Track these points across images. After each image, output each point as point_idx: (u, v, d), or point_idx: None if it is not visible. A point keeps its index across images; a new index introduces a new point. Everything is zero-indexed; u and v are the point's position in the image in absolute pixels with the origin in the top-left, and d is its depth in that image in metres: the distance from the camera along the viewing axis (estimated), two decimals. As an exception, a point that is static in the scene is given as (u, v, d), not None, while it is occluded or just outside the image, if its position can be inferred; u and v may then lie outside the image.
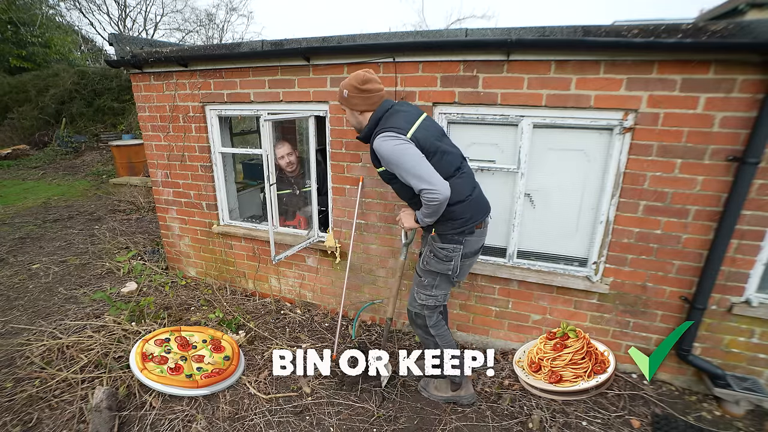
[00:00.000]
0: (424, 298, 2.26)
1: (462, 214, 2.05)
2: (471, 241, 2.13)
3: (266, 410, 2.41)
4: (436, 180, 1.88)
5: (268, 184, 2.76)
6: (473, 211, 2.08)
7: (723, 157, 2.19)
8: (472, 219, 2.07)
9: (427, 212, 1.99)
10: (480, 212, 2.12)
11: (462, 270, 2.20)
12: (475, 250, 2.19)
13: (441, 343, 2.34)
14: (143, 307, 3.29)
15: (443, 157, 2.00)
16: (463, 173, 2.07)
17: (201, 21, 21.36)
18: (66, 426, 2.28)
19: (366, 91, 2.05)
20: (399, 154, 1.91)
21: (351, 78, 2.07)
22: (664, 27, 2.04)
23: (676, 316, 2.52)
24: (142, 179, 8.02)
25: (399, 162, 1.92)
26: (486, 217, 2.17)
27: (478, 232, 2.15)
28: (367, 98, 2.07)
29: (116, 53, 3.39)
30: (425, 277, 2.23)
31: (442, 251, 2.13)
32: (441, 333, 2.35)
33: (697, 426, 2.30)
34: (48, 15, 15.90)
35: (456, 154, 2.09)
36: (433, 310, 2.30)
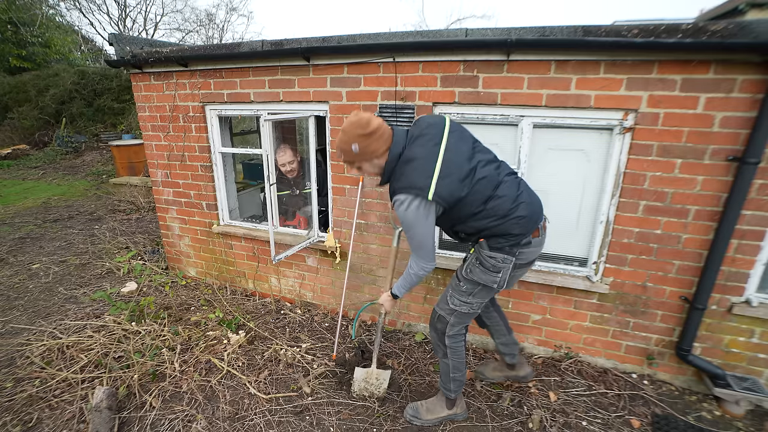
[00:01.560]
0: (458, 303, 2.04)
1: (508, 230, 1.85)
2: (526, 252, 1.92)
3: (266, 410, 2.41)
4: (430, 255, 1.90)
5: (268, 184, 2.77)
6: (522, 225, 1.85)
7: (723, 157, 2.19)
8: (522, 234, 1.87)
9: (406, 283, 2.02)
10: (530, 222, 1.88)
11: (510, 281, 1.98)
12: (532, 260, 1.99)
13: (451, 356, 2.14)
14: (143, 307, 3.29)
15: (473, 195, 1.81)
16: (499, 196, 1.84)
17: (201, 21, 21.41)
18: (66, 426, 2.28)
19: (374, 131, 1.79)
20: (411, 224, 1.79)
21: (348, 129, 1.81)
22: (664, 27, 2.04)
23: (676, 316, 2.52)
24: (142, 179, 8.02)
25: (409, 230, 1.83)
26: (539, 224, 1.94)
27: (535, 241, 1.93)
28: (380, 136, 1.81)
29: (116, 53, 3.39)
30: (465, 283, 2.02)
31: (490, 260, 1.89)
32: (456, 347, 2.14)
33: (697, 426, 2.30)
34: (48, 15, 15.90)
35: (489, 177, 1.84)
36: (462, 318, 2.09)
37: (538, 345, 2.93)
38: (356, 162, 1.90)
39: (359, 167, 1.93)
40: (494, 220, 1.84)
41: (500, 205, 1.84)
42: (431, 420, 2.31)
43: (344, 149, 1.85)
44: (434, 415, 2.32)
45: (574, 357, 2.82)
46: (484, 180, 1.82)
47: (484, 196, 1.83)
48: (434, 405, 2.34)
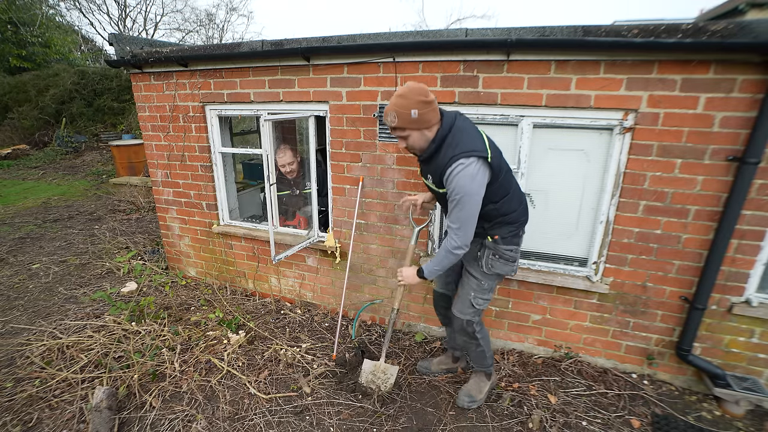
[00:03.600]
0: (481, 302, 2.23)
1: (518, 218, 2.12)
2: (520, 240, 2.21)
3: (266, 410, 2.41)
4: (470, 236, 1.94)
5: (268, 184, 2.77)
6: (525, 214, 2.17)
7: (723, 157, 2.19)
8: (524, 222, 2.17)
9: (440, 262, 2.05)
10: (527, 214, 2.20)
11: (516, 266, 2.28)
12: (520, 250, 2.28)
13: (484, 343, 2.35)
14: (143, 306, 3.29)
15: (507, 175, 2.03)
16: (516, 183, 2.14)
17: (201, 21, 21.42)
18: (66, 426, 2.28)
19: (432, 101, 1.85)
20: (469, 194, 1.83)
21: (408, 95, 1.82)
22: (664, 27, 2.04)
23: (676, 316, 2.52)
24: (142, 179, 8.02)
25: (463, 197, 1.83)
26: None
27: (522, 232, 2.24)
28: (435, 108, 1.87)
29: (116, 53, 3.39)
30: (486, 280, 2.19)
31: (508, 252, 2.14)
32: (484, 334, 2.36)
33: (697, 426, 2.30)
34: (48, 15, 15.90)
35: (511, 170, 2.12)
36: (481, 314, 2.33)
37: (538, 345, 2.93)
38: (408, 129, 1.88)
39: (407, 136, 1.91)
40: (516, 204, 2.08)
41: (519, 193, 2.13)
42: (483, 396, 2.49)
43: (401, 114, 1.83)
44: (482, 391, 2.50)
45: (574, 357, 2.82)
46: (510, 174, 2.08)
47: (512, 182, 2.09)
48: (478, 383, 2.51)
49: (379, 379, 2.54)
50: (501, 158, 1.99)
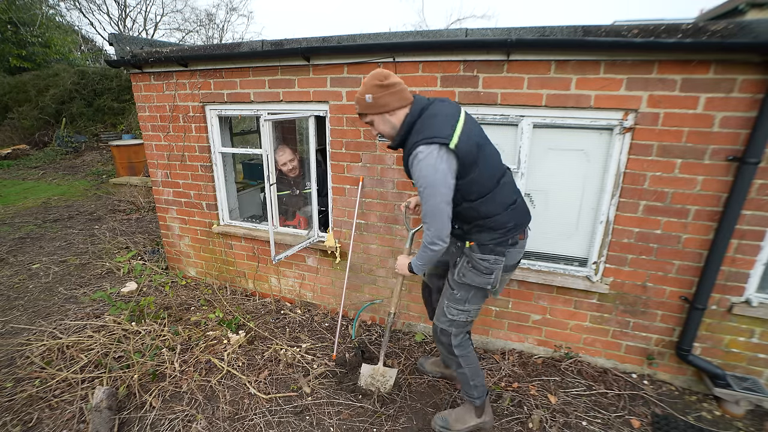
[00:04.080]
0: (455, 313, 2.04)
1: (505, 223, 1.87)
2: (513, 252, 1.95)
3: (266, 410, 2.41)
4: (445, 229, 1.77)
5: (268, 184, 2.76)
6: (517, 219, 1.91)
7: (723, 157, 2.19)
8: (515, 228, 1.90)
9: (422, 258, 1.91)
10: (523, 220, 1.96)
11: (501, 284, 2.03)
12: (516, 262, 2.02)
13: (465, 364, 2.12)
14: (143, 306, 3.29)
15: (486, 171, 1.82)
16: (505, 182, 1.91)
17: (201, 21, 21.43)
18: (66, 426, 2.28)
19: (392, 85, 1.78)
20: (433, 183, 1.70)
21: (367, 81, 1.80)
22: (664, 27, 2.04)
23: (676, 316, 2.52)
24: (142, 179, 8.01)
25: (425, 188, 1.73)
26: (527, 226, 2.02)
27: (520, 243, 1.99)
28: (397, 92, 1.78)
29: (116, 53, 3.39)
30: (458, 290, 2.02)
31: (483, 263, 1.91)
32: (466, 354, 2.13)
33: (697, 426, 2.30)
34: (48, 15, 15.89)
35: (497, 163, 1.90)
36: (461, 327, 2.09)
37: (538, 345, 2.93)
38: (369, 115, 1.85)
39: (371, 122, 1.88)
40: (499, 207, 1.86)
41: (504, 193, 1.89)
42: (461, 429, 2.24)
43: (358, 99, 1.83)
44: (464, 424, 2.25)
45: (574, 357, 2.82)
46: (493, 160, 1.87)
47: (494, 177, 1.85)
48: (462, 414, 2.27)
49: (378, 382, 2.54)
50: (478, 149, 1.78)
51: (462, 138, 1.72)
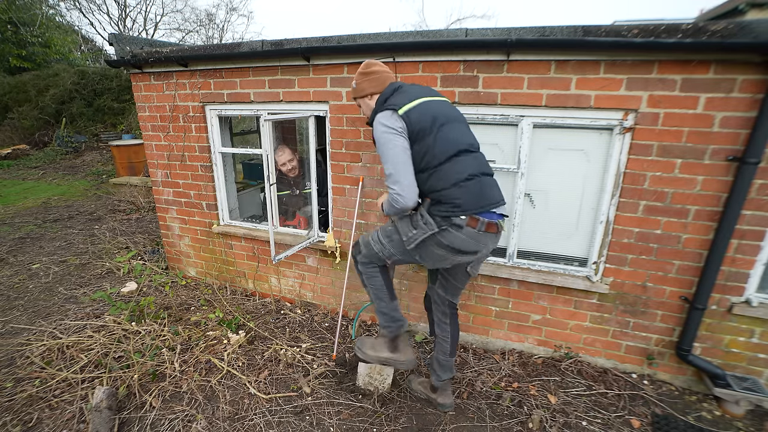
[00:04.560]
0: (376, 239, 2.14)
1: (453, 198, 1.84)
2: (456, 236, 1.86)
3: (266, 410, 2.41)
4: (406, 183, 1.83)
5: (268, 184, 2.76)
6: (465, 198, 1.83)
7: (723, 157, 2.19)
8: (461, 207, 1.83)
9: (388, 208, 1.96)
10: (474, 202, 1.84)
11: (429, 256, 2.00)
12: (459, 248, 1.91)
13: (368, 282, 2.23)
14: (143, 306, 3.29)
15: (436, 142, 1.85)
16: (459, 161, 1.87)
17: (201, 21, 21.43)
18: (66, 426, 2.28)
19: (371, 73, 2.06)
20: (384, 141, 1.87)
21: (358, 69, 2.12)
22: (664, 27, 2.04)
23: (676, 316, 2.52)
24: (142, 179, 8.02)
25: (381, 150, 1.89)
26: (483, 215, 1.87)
27: (469, 233, 1.86)
28: (374, 80, 2.05)
29: (116, 53, 3.39)
30: (390, 225, 2.12)
31: (417, 217, 1.95)
32: (370, 273, 2.22)
33: (697, 426, 2.30)
34: (48, 15, 15.89)
35: (456, 142, 1.89)
36: (373, 256, 2.16)
37: (538, 345, 2.93)
38: (356, 99, 2.16)
39: (359, 105, 2.18)
40: (445, 181, 1.85)
41: (456, 170, 1.86)
42: (371, 356, 2.32)
43: (352, 85, 2.14)
44: (376, 353, 2.31)
45: (574, 357, 2.82)
46: (451, 138, 1.89)
47: (446, 153, 1.86)
48: (379, 344, 2.33)
49: (377, 381, 2.54)
50: (432, 122, 1.86)
51: (414, 109, 1.88)
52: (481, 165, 1.95)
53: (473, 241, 1.89)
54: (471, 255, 1.97)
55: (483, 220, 1.87)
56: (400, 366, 2.32)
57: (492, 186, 1.95)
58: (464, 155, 1.91)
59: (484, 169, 1.95)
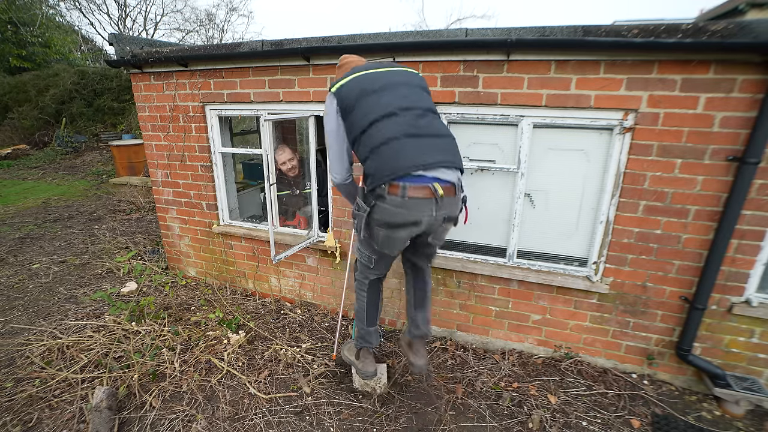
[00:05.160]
0: (357, 248, 2.18)
1: (370, 168, 1.74)
2: (384, 209, 1.74)
3: (266, 410, 2.41)
4: (336, 166, 2.01)
5: (268, 184, 2.76)
6: (378, 165, 1.70)
7: (723, 157, 2.19)
8: (377, 176, 1.71)
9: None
10: (389, 168, 1.68)
11: (380, 241, 1.90)
12: (392, 222, 1.77)
13: (356, 299, 2.33)
14: (143, 306, 3.29)
15: (359, 111, 1.80)
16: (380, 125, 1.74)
17: (201, 21, 21.42)
18: (66, 426, 2.28)
19: (342, 65, 2.14)
20: (324, 123, 1.97)
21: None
22: (664, 27, 2.04)
23: (676, 316, 2.52)
24: (142, 179, 8.02)
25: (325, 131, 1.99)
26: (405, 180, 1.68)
27: (394, 201, 1.71)
28: (341, 70, 2.12)
29: (116, 53, 3.38)
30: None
31: (356, 207, 1.96)
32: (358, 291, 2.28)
33: (697, 426, 2.30)
34: (48, 15, 15.89)
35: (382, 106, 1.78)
36: (362, 267, 2.18)
37: (538, 345, 2.93)
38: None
39: None
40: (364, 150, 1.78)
41: (374, 135, 1.74)
42: (345, 356, 2.53)
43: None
44: (348, 354, 2.50)
45: (574, 357, 2.82)
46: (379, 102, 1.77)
47: (367, 119, 1.76)
48: (352, 347, 2.52)
49: (373, 380, 2.53)
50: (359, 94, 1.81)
51: (346, 84, 1.88)
52: (408, 125, 1.75)
53: (403, 210, 1.72)
54: (413, 226, 1.79)
55: (405, 185, 1.68)
56: (360, 374, 2.41)
57: (423, 147, 1.73)
58: (386, 119, 1.75)
59: (411, 130, 1.74)
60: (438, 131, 1.82)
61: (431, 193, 1.71)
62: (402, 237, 1.86)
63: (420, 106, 1.83)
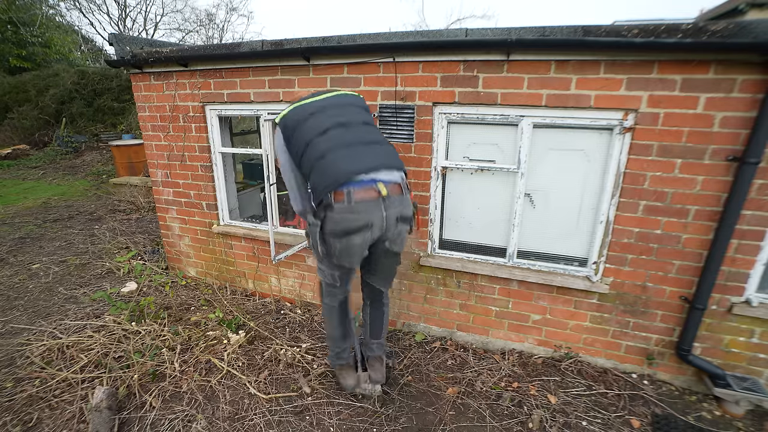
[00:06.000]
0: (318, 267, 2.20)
1: (313, 183, 1.82)
2: (334, 218, 1.79)
3: (266, 410, 2.41)
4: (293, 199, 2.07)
5: (268, 184, 2.76)
6: (320, 179, 1.78)
7: (723, 157, 2.19)
8: (321, 188, 1.78)
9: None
10: (330, 178, 1.74)
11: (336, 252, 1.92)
12: (344, 229, 1.81)
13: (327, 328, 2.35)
14: (143, 306, 3.29)
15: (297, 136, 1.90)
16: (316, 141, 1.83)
17: (201, 21, 21.42)
18: (66, 426, 2.28)
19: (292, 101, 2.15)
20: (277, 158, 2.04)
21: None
22: (664, 27, 2.04)
23: (676, 316, 2.52)
24: (142, 179, 8.02)
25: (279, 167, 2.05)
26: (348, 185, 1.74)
27: (342, 208, 1.75)
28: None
29: (116, 53, 3.38)
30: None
31: (308, 224, 2.01)
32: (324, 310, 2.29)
33: (697, 426, 2.30)
34: (48, 15, 15.90)
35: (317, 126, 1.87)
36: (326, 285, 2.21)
37: (538, 345, 2.93)
38: None
39: None
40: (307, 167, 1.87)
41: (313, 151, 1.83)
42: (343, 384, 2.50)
43: None
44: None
45: (574, 357, 2.82)
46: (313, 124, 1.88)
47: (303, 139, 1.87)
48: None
49: (367, 390, 2.51)
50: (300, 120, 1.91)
51: (287, 115, 1.98)
52: (343, 138, 1.84)
53: (353, 215, 1.77)
54: (366, 230, 1.83)
55: (349, 189, 1.76)
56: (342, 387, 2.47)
57: (360, 153, 1.82)
58: (321, 137, 1.84)
59: (346, 141, 1.83)
60: (374, 140, 1.93)
61: (377, 193, 1.78)
62: (358, 244, 1.89)
63: (354, 120, 1.95)
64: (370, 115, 2.12)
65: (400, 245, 2.05)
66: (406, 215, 1.93)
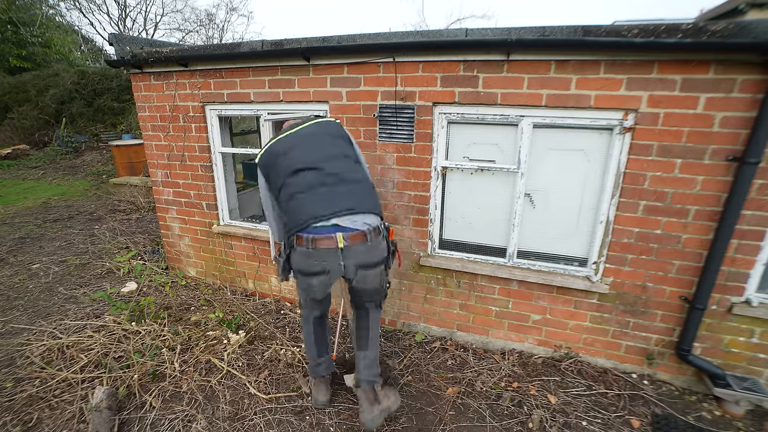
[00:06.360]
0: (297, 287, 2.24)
1: (284, 221, 1.98)
2: (294, 258, 1.93)
3: (266, 410, 2.41)
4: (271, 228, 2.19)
5: (268, 184, 2.76)
6: (287, 220, 1.93)
7: (723, 157, 2.19)
8: (288, 229, 1.92)
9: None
10: (295, 221, 1.85)
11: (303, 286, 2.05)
12: (301, 270, 1.93)
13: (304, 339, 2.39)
14: (143, 306, 3.29)
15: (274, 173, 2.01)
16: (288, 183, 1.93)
17: (201, 21, 21.43)
18: (66, 426, 2.28)
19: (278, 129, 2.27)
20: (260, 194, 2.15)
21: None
22: (664, 27, 2.04)
23: (676, 316, 2.52)
24: (142, 179, 8.02)
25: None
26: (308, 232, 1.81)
27: (301, 252, 1.85)
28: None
29: (116, 53, 3.38)
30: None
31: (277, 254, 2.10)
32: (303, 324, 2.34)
33: (697, 426, 2.30)
34: (48, 15, 15.90)
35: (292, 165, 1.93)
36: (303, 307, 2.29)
37: (538, 345, 2.93)
38: None
39: None
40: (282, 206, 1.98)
41: (286, 194, 1.92)
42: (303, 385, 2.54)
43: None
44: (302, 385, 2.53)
45: (574, 357, 2.82)
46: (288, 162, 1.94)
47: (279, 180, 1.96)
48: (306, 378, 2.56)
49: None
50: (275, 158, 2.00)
51: (263, 154, 2.07)
52: (312, 179, 1.88)
53: (310, 260, 1.85)
54: (323, 275, 1.89)
55: (308, 237, 1.81)
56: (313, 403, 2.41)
57: (325, 197, 1.84)
58: (291, 178, 1.93)
59: (315, 182, 1.87)
60: (345, 178, 1.92)
61: (335, 243, 1.81)
62: (315, 284, 1.97)
63: (326, 155, 1.96)
64: (347, 142, 2.11)
65: (371, 285, 2.03)
66: (370, 262, 1.91)
